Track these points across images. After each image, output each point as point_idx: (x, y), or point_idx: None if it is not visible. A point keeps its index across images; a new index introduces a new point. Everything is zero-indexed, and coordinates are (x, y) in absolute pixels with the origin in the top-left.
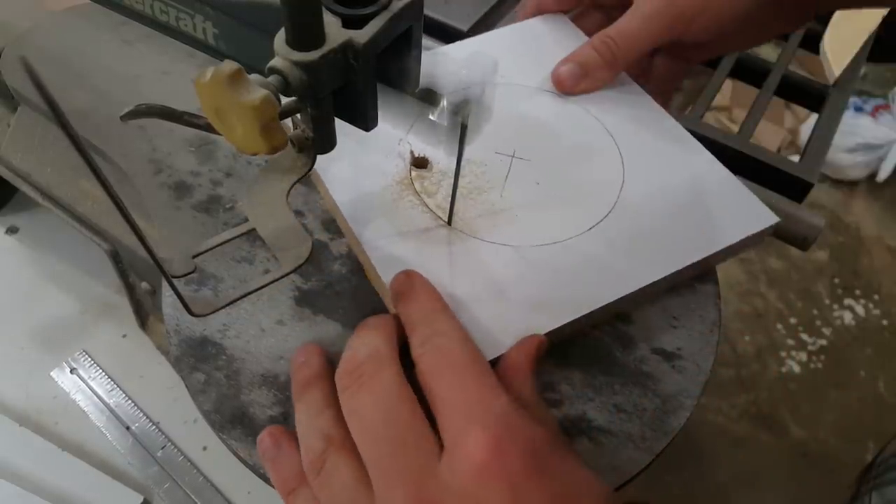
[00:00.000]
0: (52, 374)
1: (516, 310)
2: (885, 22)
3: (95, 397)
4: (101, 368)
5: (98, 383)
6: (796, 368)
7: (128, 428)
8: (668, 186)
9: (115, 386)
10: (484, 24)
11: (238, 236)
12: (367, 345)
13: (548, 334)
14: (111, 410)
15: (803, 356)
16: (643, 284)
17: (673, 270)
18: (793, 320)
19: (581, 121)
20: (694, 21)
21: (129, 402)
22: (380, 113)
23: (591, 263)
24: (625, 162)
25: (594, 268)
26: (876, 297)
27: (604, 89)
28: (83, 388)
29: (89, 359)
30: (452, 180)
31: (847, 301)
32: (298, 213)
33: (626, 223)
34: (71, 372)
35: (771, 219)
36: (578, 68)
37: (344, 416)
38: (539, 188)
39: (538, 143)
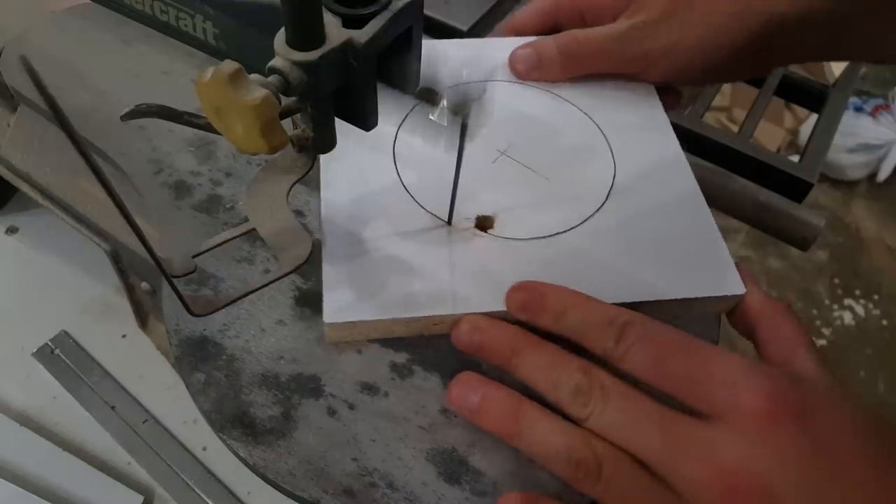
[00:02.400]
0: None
1: None
2: None
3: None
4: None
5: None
6: None
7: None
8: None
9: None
10: (484, 24)
11: (238, 236)
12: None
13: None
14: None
15: None
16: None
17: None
18: None
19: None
20: (657, 64)
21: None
22: (380, 113)
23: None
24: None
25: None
26: (876, 297)
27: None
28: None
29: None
30: (453, 180)
31: (847, 301)
32: (298, 213)
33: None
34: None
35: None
36: (535, 57)
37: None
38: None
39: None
